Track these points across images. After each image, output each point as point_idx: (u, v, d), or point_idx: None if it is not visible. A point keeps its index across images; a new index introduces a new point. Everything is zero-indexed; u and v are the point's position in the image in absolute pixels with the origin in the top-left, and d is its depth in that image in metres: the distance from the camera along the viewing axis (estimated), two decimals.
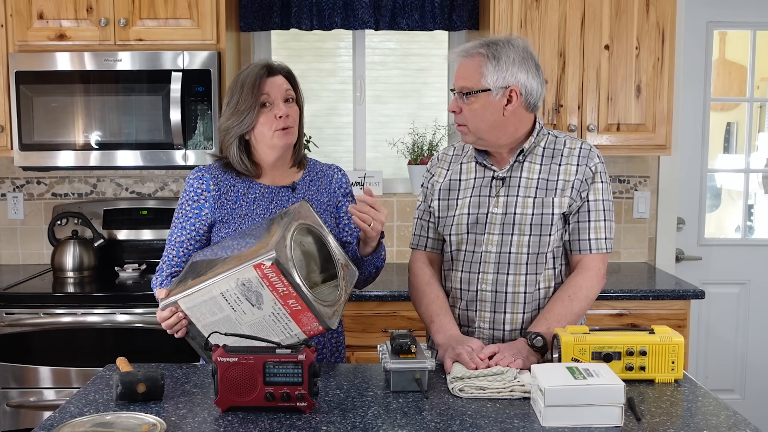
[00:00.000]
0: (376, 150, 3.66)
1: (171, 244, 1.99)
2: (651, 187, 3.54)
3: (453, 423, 1.52)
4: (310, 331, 1.66)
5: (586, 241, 1.96)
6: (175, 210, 2.01)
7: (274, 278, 1.59)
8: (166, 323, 1.72)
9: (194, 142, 3.00)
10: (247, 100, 1.90)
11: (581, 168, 1.95)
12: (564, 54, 3.10)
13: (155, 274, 2.00)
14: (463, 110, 1.91)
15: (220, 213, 1.96)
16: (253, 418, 1.55)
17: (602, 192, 1.96)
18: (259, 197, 1.99)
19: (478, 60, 1.89)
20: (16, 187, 3.48)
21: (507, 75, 1.88)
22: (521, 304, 1.95)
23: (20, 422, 2.86)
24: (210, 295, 1.65)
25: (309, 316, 1.64)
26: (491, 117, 1.90)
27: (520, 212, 1.93)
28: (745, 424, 1.52)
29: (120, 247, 3.37)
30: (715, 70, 3.73)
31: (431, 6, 3.39)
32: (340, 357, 2.12)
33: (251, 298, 1.63)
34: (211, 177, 1.99)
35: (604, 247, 1.96)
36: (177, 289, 1.71)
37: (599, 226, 1.96)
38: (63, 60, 3.00)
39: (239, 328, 1.67)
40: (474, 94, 1.89)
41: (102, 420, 1.52)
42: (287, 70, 1.99)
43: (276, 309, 1.64)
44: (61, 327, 2.82)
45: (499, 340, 1.96)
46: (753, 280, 3.77)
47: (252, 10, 3.40)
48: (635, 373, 1.74)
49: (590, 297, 1.95)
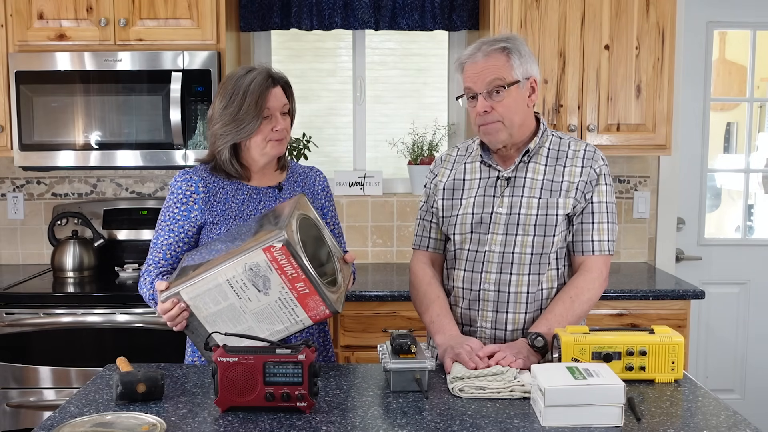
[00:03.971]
0: (376, 150, 3.66)
1: (157, 246, 1.98)
2: (651, 187, 3.54)
3: (453, 423, 1.52)
4: (316, 316, 1.67)
5: (589, 243, 1.96)
6: (161, 212, 2.00)
7: (283, 260, 1.60)
8: (167, 315, 1.71)
9: (194, 142, 3.01)
10: (250, 110, 1.90)
11: (586, 170, 1.95)
12: (564, 54, 3.10)
13: (142, 277, 1.99)
14: (495, 107, 1.90)
15: (210, 215, 1.97)
16: (253, 418, 1.55)
17: (606, 194, 1.97)
18: (248, 198, 2.00)
19: (504, 55, 1.90)
20: (16, 187, 3.48)
21: (528, 66, 1.92)
22: (523, 304, 1.95)
23: (20, 422, 2.86)
24: (215, 282, 1.65)
25: (316, 300, 1.65)
26: (522, 109, 1.93)
27: (524, 212, 1.94)
28: (745, 424, 1.52)
29: (120, 247, 3.37)
30: (715, 70, 3.73)
31: (431, 6, 3.39)
32: (328, 356, 2.12)
33: (258, 283, 1.63)
34: (200, 179, 1.99)
35: (607, 249, 1.97)
36: (178, 281, 1.71)
37: (602, 228, 1.96)
38: (63, 60, 3.00)
39: (243, 317, 1.68)
40: (507, 88, 1.89)
41: (102, 420, 1.52)
42: (285, 80, 2.01)
43: (283, 294, 1.64)
44: (61, 327, 2.82)
45: (501, 340, 1.97)
46: (753, 280, 3.77)
47: (252, 10, 3.40)
48: (635, 373, 1.74)
49: (592, 299, 1.95)
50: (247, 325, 1.69)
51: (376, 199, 3.49)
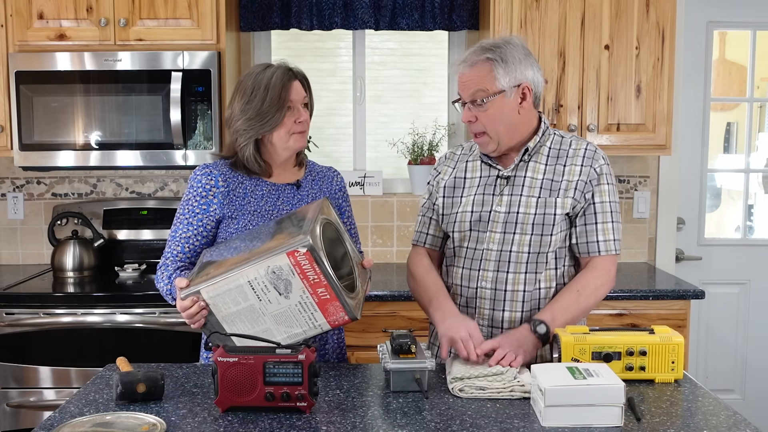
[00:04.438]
0: (376, 150, 3.66)
1: (176, 239, 1.98)
2: (651, 187, 3.54)
3: (453, 423, 1.52)
4: (334, 321, 1.68)
5: (594, 243, 1.96)
6: (180, 206, 2.01)
7: (306, 266, 1.61)
8: (186, 312, 1.71)
9: (194, 142, 3.01)
10: (273, 103, 1.92)
11: (585, 169, 1.95)
12: (564, 54, 3.10)
13: (159, 270, 1.99)
14: (478, 118, 1.93)
15: (229, 209, 1.97)
16: (253, 418, 1.55)
17: (608, 194, 1.97)
18: (267, 194, 2.01)
19: (487, 65, 1.90)
20: (16, 187, 3.48)
21: (517, 74, 1.91)
22: (519, 303, 1.95)
23: (20, 422, 2.86)
24: (236, 283, 1.65)
25: (336, 306, 1.65)
26: (508, 118, 1.93)
27: (523, 211, 1.94)
28: (745, 424, 1.52)
29: (120, 247, 3.37)
30: (715, 70, 3.73)
31: (431, 6, 3.39)
32: (342, 355, 2.13)
33: (280, 286, 1.64)
34: (220, 174, 2.00)
35: (614, 248, 1.97)
36: (198, 279, 1.71)
37: (607, 228, 1.96)
38: (63, 60, 3.00)
39: (261, 319, 1.68)
40: (490, 99, 1.90)
41: (102, 420, 1.52)
42: (303, 75, 2.03)
43: (303, 298, 1.65)
44: (61, 327, 2.82)
45: None
46: (753, 280, 3.77)
47: (252, 10, 3.40)
48: (635, 373, 1.74)
49: (598, 296, 1.95)
50: (266, 326, 1.69)
51: (376, 199, 3.49)
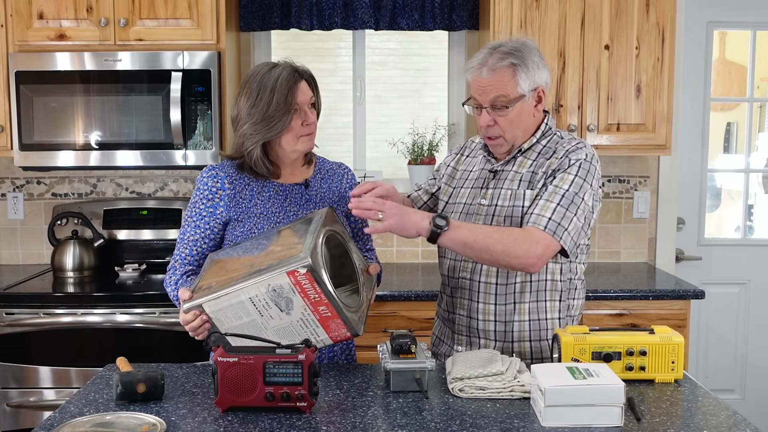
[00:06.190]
0: (376, 150, 3.66)
1: (184, 242, 1.98)
2: (651, 187, 3.54)
3: (453, 423, 1.52)
4: (337, 337, 1.69)
5: (528, 215, 1.87)
6: (187, 208, 2.00)
7: (306, 285, 1.61)
8: (189, 326, 1.72)
9: (194, 142, 3.00)
10: (279, 107, 1.88)
11: (561, 160, 1.92)
12: (564, 54, 3.10)
13: (168, 273, 1.99)
14: (498, 122, 1.93)
15: (236, 211, 1.96)
16: (253, 418, 1.55)
17: (569, 182, 1.87)
18: (274, 195, 1.99)
19: (510, 70, 1.90)
20: (16, 187, 3.48)
21: (536, 78, 1.93)
22: (492, 295, 1.98)
23: (20, 422, 2.86)
24: (238, 299, 1.65)
25: (338, 323, 1.66)
26: (526, 121, 1.95)
27: (500, 204, 1.96)
28: (745, 424, 1.52)
29: (120, 247, 3.37)
30: (715, 70, 3.73)
31: (431, 6, 3.39)
32: (351, 355, 2.11)
33: (281, 303, 1.64)
34: (226, 175, 1.97)
35: (544, 224, 1.82)
36: (201, 292, 1.71)
37: (548, 206, 1.85)
38: (63, 60, 3.00)
39: (264, 333, 1.68)
40: (512, 105, 1.90)
41: (102, 420, 1.52)
42: (309, 73, 1.98)
43: (305, 315, 1.66)
44: (61, 327, 2.82)
45: (475, 329, 2.01)
46: (753, 280, 3.77)
47: (252, 10, 3.40)
48: (635, 373, 1.74)
49: (508, 251, 1.80)
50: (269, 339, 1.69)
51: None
